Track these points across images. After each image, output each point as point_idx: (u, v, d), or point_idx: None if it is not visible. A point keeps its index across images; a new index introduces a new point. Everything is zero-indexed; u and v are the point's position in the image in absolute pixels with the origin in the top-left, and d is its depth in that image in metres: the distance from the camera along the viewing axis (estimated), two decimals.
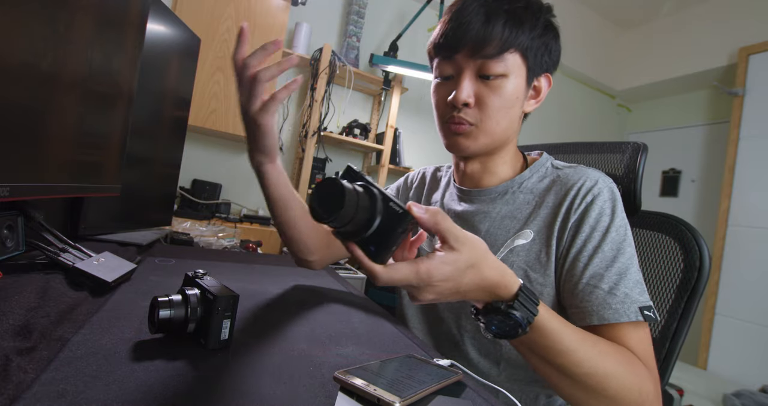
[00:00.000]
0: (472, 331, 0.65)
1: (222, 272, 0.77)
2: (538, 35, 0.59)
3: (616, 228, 0.57)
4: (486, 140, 0.62)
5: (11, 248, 0.54)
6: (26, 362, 0.30)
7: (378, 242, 0.38)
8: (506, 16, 0.57)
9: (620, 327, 0.52)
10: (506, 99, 0.60)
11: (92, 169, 0.68)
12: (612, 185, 0.62)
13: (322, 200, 0.36)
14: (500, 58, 0.57)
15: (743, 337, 2.48)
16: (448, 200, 0.74)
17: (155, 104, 1.01)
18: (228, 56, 2.02)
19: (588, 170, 0.63)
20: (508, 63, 0.58)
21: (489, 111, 0.60)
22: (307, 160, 2.31)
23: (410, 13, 2.62)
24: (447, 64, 0.62)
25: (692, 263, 0.68)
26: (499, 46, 0.57)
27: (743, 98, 2.69)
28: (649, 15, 3.35)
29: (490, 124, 0.61)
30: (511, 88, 0.60)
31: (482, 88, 0.60)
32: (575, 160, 0.91)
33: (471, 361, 0.65)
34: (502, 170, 0.68)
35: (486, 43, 0.57)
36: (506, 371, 0.64)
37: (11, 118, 0.45)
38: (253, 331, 0.47)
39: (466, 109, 0.60)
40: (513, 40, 0.57)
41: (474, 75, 0.60)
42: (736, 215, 2.62)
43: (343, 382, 0.34)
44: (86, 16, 0.57)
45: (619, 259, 0.55)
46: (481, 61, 0.58)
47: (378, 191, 0.39)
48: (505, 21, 0.57)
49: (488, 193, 0.68)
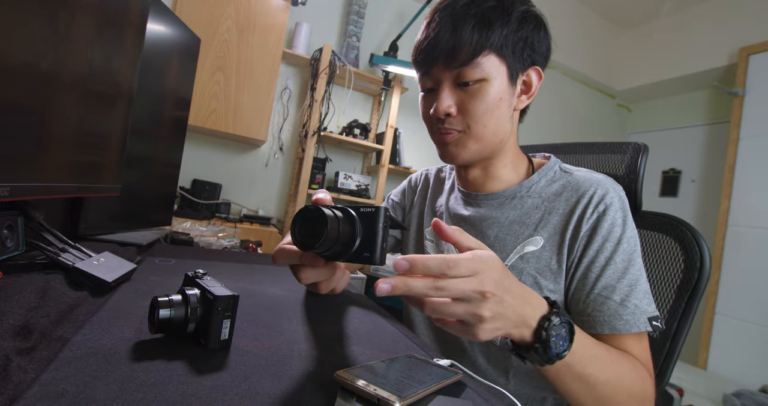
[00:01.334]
0: None
1: (222, 272, 0.77)
2: (513, 30, 0.58)
3: (627, 239, 0.58)
4: (476, 145, 0.62)
5: (11, 248, 0.54)
6: (26, 362, 0.30)
7: (368, 246, 0.40)
8: (474, 19, 0.56)
9: (628, 336, 0.54)
10: (489, 102, 0.59)
11: (92, 169, 0.68)
12: (622, 194, 0.62)
13: (306, 230, 0.39)
14: (474, 63, 0.57)
15: (743, 337, 2.48)
16: (454, 205, 0.73)
17: (155, 104, 1.01)
18: (228, 56, 2.02)
19: (598, 176, 0.63)
20: (485, 67, 0.57)
21: (473, 116, 0.60)
22: (307, 160, 2.31)
23: (410, 13, 2.62)
24: (426, 78, 0.62)
25: (693, 263, 0.69)
26: (470, 51, 0.56)
27: (743, 98, 2.69)
28: (649, 15, 3.35)
29: (477, 128, 0.60)
30: (493, 91, 0.59)
31: (462, 96, 0.59)
32: (576, 160, 0.91)
33: (479, 368, 0.65)
34: (504, 174, 0.68)
35: (456, 52, 0.56)
36: (515, 379, 0.64)
37: (11, 118, 0.45)
38: (253, 331, 0.47)
39: (450, 119, 0.61)
40: (483, 43, 0.56)
41: (452, 85, 0.60)
42: (736, 215, 2.62)
43: (343, 382, 0.34)
44: (86, 16, 0.57)
45: (630, 270, 0.56)
46: (456, 70, 0.58)
47: (348, 207, 0.42)
48: (474, 25, 0.56)
49: (495, 197, 0.67)
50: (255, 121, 2.11)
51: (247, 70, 2.07)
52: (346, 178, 2.49)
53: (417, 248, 0.78)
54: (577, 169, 0.67)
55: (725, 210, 2.67)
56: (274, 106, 2.38)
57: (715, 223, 2.74)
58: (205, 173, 2.26)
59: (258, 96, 2.11)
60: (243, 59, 2.06)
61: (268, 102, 2.15)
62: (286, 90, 2.46)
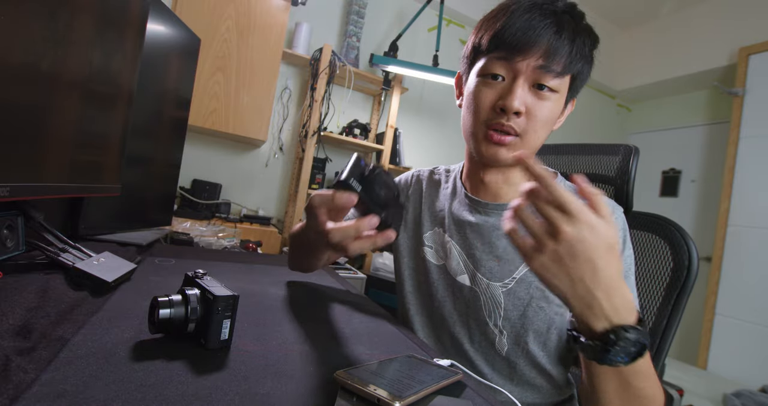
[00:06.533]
0: (487, 347, 0.64)
1: (222, 272, 0.77)
2: (588, 62, 0.59)
3: (624, 258, 0.60)
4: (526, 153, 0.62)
5: (11, 248, 0.54)
6: (26, 362, 0.30)
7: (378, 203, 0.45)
8: (573, 35, 0.55)
9: None
10: (552, 113, 0.58)
11: (92, 169, 0.68)
12: (623, 216, 0.65)
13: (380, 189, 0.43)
14: (561, 75, 0.56)
15: (743, 337, 2.48)
16: (458, 210, 0.70)
17: (155, 104, 1.01)
18: (228, 56, 2.02)
19: (603, 198, 0.64)
20: (564, 80, 0.58)
21: (536, 123, 0.58)
22: (307, 160, 2.31)
23: (410, 13, 2.62)
24: (500, 64, 0.57)
25: (681, 262, 0.71)
26: (566, 62, 0.55)
27: (743, 98, 2.69)
28: (649, 15, 3.35)
29: (533, 137, 0.59)
30: (557, 105, 0.59)
31: (533, 99, 0.57)
32: (569, 161, 0.92)
33: (485, 377, 0.64)
34: (520, 182, 0.66)
35: (554, 59, 0.55)
36: (518, 388, 0.64)
37: (11, 118, 0.45)
38: (253, 331, 0.47)
39: (515, 118, 0.57)
40: (576, 63, 0.56)
41: (529, 83, 0.57)
42: (736, 215, 2.62)
43: (343, 382, 0.34)
44: (86, 16, 0.57)
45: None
46: (540, 72, 0.55)
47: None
48: (572, 40, 0.55)
49: (505, 208, 0.65)
50: (255, 121, 2.11)
51: (247, 70, 2.07)
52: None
53: (413, 254, 0.75)
54: None
55: (725, 210, 2.67)
56: (274, 106, 2.38)
57: (715, 223, 2.74)
58: (205, 173, 2.26)
59: (258, 96, 2.11)
60: (243, 59, 2.06)
61: (268, 102, 2.15)
62: (286, 90, 2.46)
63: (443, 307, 0.68)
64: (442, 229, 0.71)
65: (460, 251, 0.68)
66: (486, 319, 0.63)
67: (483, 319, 0.64)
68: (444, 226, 0.71)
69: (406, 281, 0.74)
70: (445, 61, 2.36)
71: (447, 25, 2.94)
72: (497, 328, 0.63)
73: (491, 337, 0.63)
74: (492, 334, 0.63)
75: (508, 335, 0.62)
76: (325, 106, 2.36)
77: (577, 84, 0.61)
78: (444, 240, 0.70)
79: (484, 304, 0.64)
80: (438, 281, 0.69)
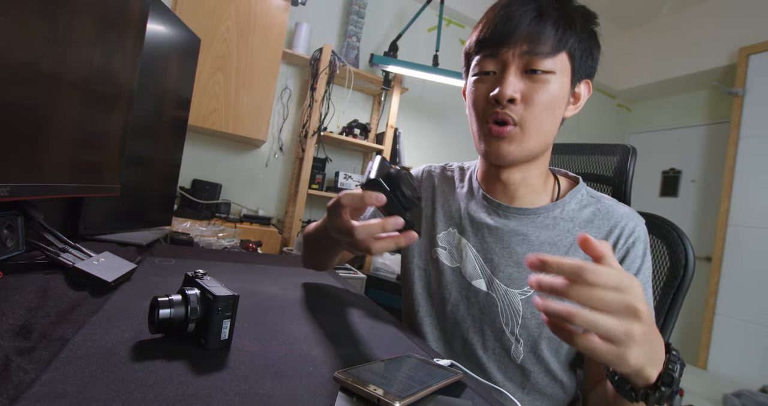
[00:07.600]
0: (501, 355, 0.63)
1: (222, 272, 0.77)
2: (585, 38, 0.58)
3: (644, 270, 0.61)
4: (529, 144, 0.58)
5: (11, 248, 0.54)
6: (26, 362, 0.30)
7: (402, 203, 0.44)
8: (557, 14, 0.55)
9: None
10: (553, 96, 0.57)
11: (92, 169, 0.68)
12: (645, 227, 0.64)
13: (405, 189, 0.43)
14: (551, 56, 0.55)
15: (743, 337, 2.48)
16: (476, 211, 0.68)
17: (155, 104, 1.01)
18: (228, 56, 2.02)
19: (626, 208, 0.65)
20: (557, 61, 0.56)
21: (535, 108, 0.56)
22: (307, 160, 2.31)
23: (410, 13, 2.62)
24: (489, 59, 0.58)
25: (678, 261, 0.71)
26: (553, 44, 0.55)
27: (743, 98, 2.69)
28: (649, 15, 3.35)
29: (535, 124, 0.57)
30: (557, 87, 0.57)
31: (528, 84, 0.56)
32: (568, 161, 0.92)
33: (496, 383, 0.63)
34: (538, 184, 0.65)
35: (538, 40, 0.54)
36: (529, 396, 0.64)
37: (11, 118, 0.45)
38: (253, 331, 0.47)
39: (511, 106, 0.56)
40: (566, 40, 0.56)
41: (520, 71, 0.56)
42: (736, 215, 2.62)
43: (343, 382, 0.34)
44: (86, 16, 0.57)
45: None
46: (529, 57, 0.55)
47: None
48: (556, 20, 0.55)
49: (526, 213, 0.64)
50: (255, 121, 2.11)
51: (247, 70, 2.07)
52: (346, 178, 2.49)
53: (425, 254, 0.72)
54: (602, 195, 0.67)
55: (725, 210, 2.67)
56: (274, 106, 2.38)
57: (715, 223, 2.74)
58: (205, 173, 2.26)
59: (258, 96, 2.11)
60: (243, 59, 2.06)
61: (268, 102, 2.15)
62: (286, 90, 2.46)
63: (456, 311, 0.66)
64: (457, 230, 0.69)
65: (476, 254, 0.66)
66: (503, 326, 0.62)
67: (499, 326, 0.62)
68: (460, 227, 0.69)
69: (416, 282, 0.72)
70: (445, 61, 2.36)
71: (447, 25, 2.94)
72: (514, 336, 0.61)
73: (507, 344, 0.62)
74: (508, 342, 0.62)
75: (524, 344, 0.61)
76: (325, 106, 2.35)
77: (582, 63, 0.59)
78: (459, 242, 0.68)
79: (501, 311, 0.62)
80: (452, 283, 0.67)
